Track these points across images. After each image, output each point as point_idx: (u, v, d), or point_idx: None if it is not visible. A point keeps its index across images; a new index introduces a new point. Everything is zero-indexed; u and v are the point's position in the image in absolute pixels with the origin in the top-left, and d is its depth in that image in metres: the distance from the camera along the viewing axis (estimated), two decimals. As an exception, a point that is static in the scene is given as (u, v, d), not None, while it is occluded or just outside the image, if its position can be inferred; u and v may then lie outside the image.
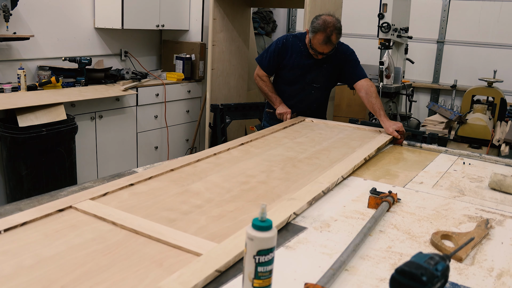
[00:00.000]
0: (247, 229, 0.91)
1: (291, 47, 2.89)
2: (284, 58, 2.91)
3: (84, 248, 1.14)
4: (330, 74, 2.91)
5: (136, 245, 1.17)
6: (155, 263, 1.09)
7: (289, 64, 2.90)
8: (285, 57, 2.91)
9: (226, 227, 1.31)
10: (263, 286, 0.91)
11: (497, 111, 4.05)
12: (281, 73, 2.99)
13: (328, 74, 2.90)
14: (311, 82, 2.91)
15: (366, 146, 2.22)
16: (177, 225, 1.31)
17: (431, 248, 1.27)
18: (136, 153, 4.24)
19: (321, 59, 2.82)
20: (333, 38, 2.66)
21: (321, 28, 2.65)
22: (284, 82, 2.99)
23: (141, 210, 1.40)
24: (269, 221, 0.90)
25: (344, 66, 2.87)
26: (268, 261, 0.90)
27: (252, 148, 2.18)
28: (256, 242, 0.89)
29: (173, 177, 1.70)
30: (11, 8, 3.38)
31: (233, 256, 1.11)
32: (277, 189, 1.65)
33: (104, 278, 1.01)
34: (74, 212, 1.35)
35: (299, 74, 2.90)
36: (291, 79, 2.94)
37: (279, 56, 2.92)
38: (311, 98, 2.96)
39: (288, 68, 2.92)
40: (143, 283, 1.00)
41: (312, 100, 2.96)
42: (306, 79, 2.90)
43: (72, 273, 1.03)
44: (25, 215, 1.29)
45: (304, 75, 2.90)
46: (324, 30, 2.64)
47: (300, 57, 2.86)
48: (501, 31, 4.90)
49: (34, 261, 1.07)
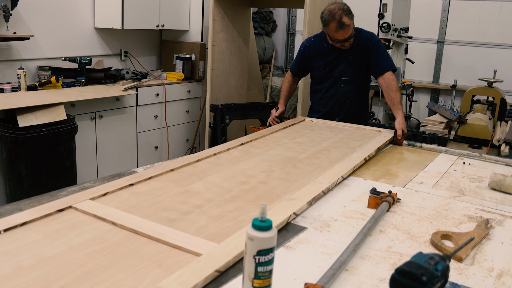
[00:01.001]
0: (247, 229, 0.90)
1: (314, 47, 2.92)
2: (310, 60, 2.95)
3: (84, 248, 1.14)
4: (357, 65, 2.85)
5: (136, 245, 1.17)
6: (155, 263, 1.09)
7: (316, 64, 2.93)
8: (310, 59, 2.95)
9: (226, 227, 1.31)
10: (263, 286, 0.91)
11: (497, 111, 4.05)
12: (313, 75, 3.03)
13: (355, 66, 2.85)
14: (340, 76, 2.89)
15: (366, 146, 2.21)
16: (177, 225, 1.31)
17: (431, 248, 1.26)
18: (136, 153, 4.24)
19: (346, 51, 2.81)
20: (345, 20, 2.64)
21: (330, 18, 2.65)
22: (316, 82, 3.01)
23: (141, 210, 1.40)
24: (269, 221, 0.90)
25: (369, 57, 2.82)
26: (268, 261, 0.90)
27: (252, 148, 2.18)
28: (256, 242, 0.89)
29: (173, 177, 1.70)
30: (11, 8, 3.38)
31: (233, 256, 1.11)
32: (277, 189, 1.65)
33: (104, 278, 1.01)
34: (74, 212, 1.35)
35: (327, 70, 2.90)
36: (321, 77, 2.95)
37: (303, 59, 2.98)
38: (341, 92, 2.90)
39: (316, 67, 2.94)
40: (143, 283, 1.00)
41: (342, 94, 2.90)
42: (334, 74, 2.89)
43: (72, 273, 1.03)
44: (25, 215, 1.29)
45: (332, 71, 2.89)
46: (333, 17, 2.64)
47: (325, 54, 2.88)
48: (501, 31, 4.90)
49: (34, 261, 1.07)
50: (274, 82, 5.82)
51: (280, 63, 6.29)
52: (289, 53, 6.26)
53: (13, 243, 1.15)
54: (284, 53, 6.29)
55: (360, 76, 2.90)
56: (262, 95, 5.51)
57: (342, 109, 2.92)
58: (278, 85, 5.80)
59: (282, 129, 2.58)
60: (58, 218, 1.31)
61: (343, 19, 2.64)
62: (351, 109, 2.92)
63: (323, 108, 2.96)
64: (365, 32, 2.86)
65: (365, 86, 2.99)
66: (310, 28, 3.76)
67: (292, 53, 6.24)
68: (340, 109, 2.92)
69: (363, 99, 3.01)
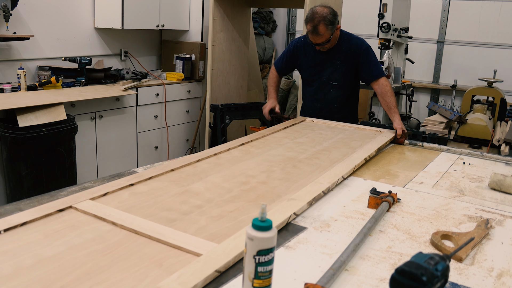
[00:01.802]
0: (247, 229, 0.91)
1: (304, 47, 2.91)
2: (298, 59, 2.96)
3: (84, 248, 1.14)
4: (346, 70, 2.85)
5: (136, 245, 1.17)
6: (155, 263, 1.09)
7: (304, 63, 2.94)
8: (299, 58, 2.95)
9: (226, 228, 1.31)
10: (263, 286, 0.91)
11: (497, 111, 4.05)
12: (302, 75, 3.04)
13: (343, 71, 2.85)
14: (328, 80, 2.89)
15: (366, 146, 2.21)
16: (177, 225, 1.31)
17: (431, 248, 1.26)
18: (136, 153, 4.24)
19: (334, 55, 2.81)
20: (320, 28, 2.62)
21: (309, 19, 2.66)
22: (305, 83, 3.02)
23: (141, 210, 1.40)
24: (269, 221, 0.90)
25: (359, 63, 2.82)
26: (268, 261, 0.90)
27: (253, 148, 2.18)
28: (256, 242, 0.89)
29: (173, 177, 1.70)
30: (11, 8, 3.38)
31: (233, 256, 1.10)
32: (277, 189, 1.65)
33: (103, 278, 1.01)
34: (74, 212, 1.35)
35: (315, 72, 2.91)
36: (309, 79, 2.96)
37: (292, 56, 2.98)
38: (330, 97, 2.92)
39: (304, 67, 2.95)
40: (143, 283, 1.00)
41: (331, 99, 2.92)
42: (322, 77, 2.89)
43: (72, 273, 1.03)
44: (25, 215, 1.29)
45: (320, 73, 2.89)
46: (312, 20, 2.64)
47: (314, 54, 2.87)
48: (501, 31, 4.90)
49: (34, 261, 1.07)
50: (274, 82, 5.81)
51: (280, 63, 6.28)
52: (289, 53, 6.26)
53: (13, 243, 1.15)
54: (284, 53, 6.28)
55: (349, 82, 2.91)
56: (262, 95, 5.51)
57: (331, 113, 2.92)
58: (278, 85, 5.79)
59: (282, 129, 2.58)
60: (58, 218, 1.31)
61: (319, 27, 2.63)
62: (339, 113, 2.92)
63: (313, 111, 2.97)
64: (355, 38, 2.85)
65: (354, 91, 3.00)
66: (310, 28, 3.76)
67: (292, 53, 6.24)
68: (329, 112, 2.93)
69: (352, 104, 3.02)
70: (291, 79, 5.99)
